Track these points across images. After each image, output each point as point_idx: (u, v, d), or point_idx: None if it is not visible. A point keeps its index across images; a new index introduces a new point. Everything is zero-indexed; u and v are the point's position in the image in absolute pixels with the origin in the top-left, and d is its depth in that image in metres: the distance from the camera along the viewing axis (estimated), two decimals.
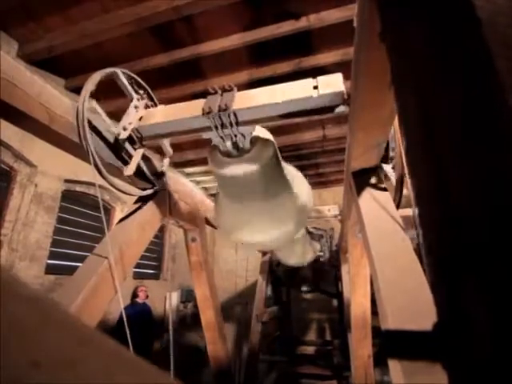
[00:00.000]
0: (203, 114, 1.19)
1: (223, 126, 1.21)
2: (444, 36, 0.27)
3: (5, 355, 0.10)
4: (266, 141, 1.39)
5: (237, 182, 1.42)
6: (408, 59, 0.32)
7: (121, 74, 1.36)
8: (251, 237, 1.81)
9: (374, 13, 0.47)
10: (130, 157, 1.38)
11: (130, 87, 1.40)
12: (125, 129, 1.29)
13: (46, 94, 1.13)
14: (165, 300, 6.21)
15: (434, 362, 0.30)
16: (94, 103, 1.24)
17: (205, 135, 1.31)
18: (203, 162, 5.78)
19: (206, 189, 7.47)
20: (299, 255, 3.86)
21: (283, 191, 1.62)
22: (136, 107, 1.38)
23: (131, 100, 1.39)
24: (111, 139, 1.32)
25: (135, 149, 1.40)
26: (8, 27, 3.46)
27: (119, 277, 1.22)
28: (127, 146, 1.35)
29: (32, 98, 1.09)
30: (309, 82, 1.15)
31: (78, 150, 1.23)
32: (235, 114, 1.19)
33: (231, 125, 1.21)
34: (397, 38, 0.36)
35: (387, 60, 0.47)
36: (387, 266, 0.91)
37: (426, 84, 0.29)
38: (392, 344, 0.33)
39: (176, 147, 1.67)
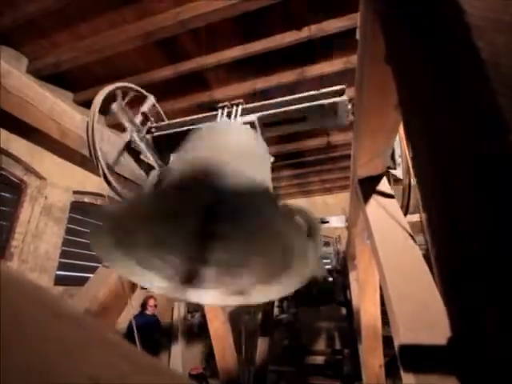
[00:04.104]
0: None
1: (229, 114, 1.25)
2: (450, 72, 0.28)
3: (65, 372, 0.11)
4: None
5: None
6: (415, 87, 0.33)
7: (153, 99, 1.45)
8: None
9: (378, 31, 0.48)
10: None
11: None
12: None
13: (58, 109, 1.16)
14: (172, 310, 6.19)
15: (449, 375, 0.30)
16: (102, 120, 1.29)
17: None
18: None
19: None
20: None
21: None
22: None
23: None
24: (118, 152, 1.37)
25: (141, 139, 1.44)
26: (18, 44, 3.58)
27: (129, 287, 1.23)
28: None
29: (44, 113, 1.12)
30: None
31: (88, 163, 1.26)
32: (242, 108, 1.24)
33: (235, 115, 1.24)
34: (403, 65, 0.37)
35: (392, 74, 0.48)
36: (397, 275, 0.91)
37: (434, 112, 0.30)
38: (406, 356, 0.33)
39: None
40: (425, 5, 0.36)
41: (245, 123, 1.22)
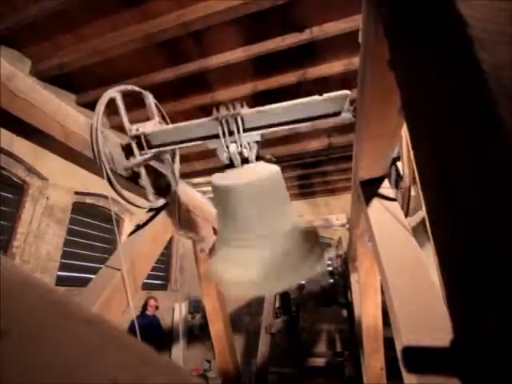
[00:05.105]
0: (212, 117, 1.23)
1: (230, 132, 1.24)
2: (454, 80, 0.29)
3: (84, 373, 0.12)
4: (270, 160, 1.37)
5: (237, 195, 1.27)
6: (418, 91, 0.34)
7: (149, 96, 1.44)
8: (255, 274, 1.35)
9: (381, 34, 0.49)
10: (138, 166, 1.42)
11: (153, 105, 1.47)
12: (137, 129, 1.34)
13: (62, 111, 1.17)
14: (173, 311, 6.19)
15: (451, 377, 0.30)
16: (105, 120, 1.29)
17: (211, 145, 1.33)
18: (210, 172, 5.83)
19: (212, 198, 7.50)
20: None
21: (289, 220, 1.38)
22: (151, 120, 1.43)
23: (150, 118, 1.45)
24: (121, 155, 1.37)
25: (141, 154, 1.41)
26: (21, 46, 3.61)
27: (132, 288, 1.24)
28: (134, 148, 1.37)
29: (48, 115, 1.13)
30: (315, 98, 1.18)
31: (91, 164, 1.27)
32: (242, 120, 1.22)
33: (238, 130, 1.23)
34: (407, 69, 0.38)
35: (394, 78, 0.49)
36: (398, 277, 0.91)
37: (436, 116, 0.30)
38: (407, 358, 0.33)
39: (184, 158, 1.70)
40: (427, 11, 0.37)
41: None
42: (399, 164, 1.74)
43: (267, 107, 1.20)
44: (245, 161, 1.31)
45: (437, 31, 0.32)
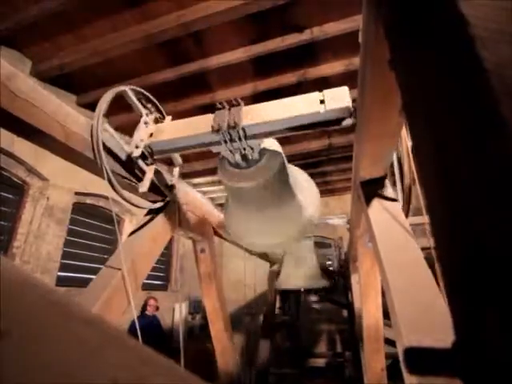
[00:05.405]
0: (213, 130, 1.22)
1: (232, 140, 1.24)
2: (454, 80, 0.29)
3: (84, 373, 0.12)
4: (274, 151, 1.41)
5: (245, 191, 1.45)
6: (420, 93, 0.34)
7: (130, 93, 1.40)
8: (259, 240, 1.92)
9: (381, 35, 0.49)
10: (143, 172, 1.41)
11: (139, 104, 1.44)
12: (137, 146, 1.33)
13: (63, 112, 1.17)
14: (173, 311, 6.19)
15: (452, 378, 0.30)
16: (106, 125, 1.28)
17: (214, 149, 1.34)
18: (210, 172, 5.84)
19: (212, 199, 7.51)
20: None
21: (290, 198, 1.66)
22: (146, 123, 1.42)
23: (141, 116, 1.43)
24: (123, 156, 1.36)
25: (147, 164, 1.43)
26: (22, 46, 3.61)
27: (132, 288, 1.24)
28: (140, 162, 1.38)
29: (49, 116, 1.13)
30: (315, 96, 1.17)
31: (91, 165, 1.27)
32: (244, 130, 1.22)
33: (240, 139, 1.24)
34: (408, 71, 0.38)
35: (395, 78, 0.49)
36: (399, 277, 0.91)
37: (437, 115, 0.31)
38: (408, 359, 0.33)
39: (183, 158, 1.69)
40: (429, 11, 0.37)
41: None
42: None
43: (268, 119, 1.19)
44: (252, 161, 1.38)
45: (437, 31, 0.32)
